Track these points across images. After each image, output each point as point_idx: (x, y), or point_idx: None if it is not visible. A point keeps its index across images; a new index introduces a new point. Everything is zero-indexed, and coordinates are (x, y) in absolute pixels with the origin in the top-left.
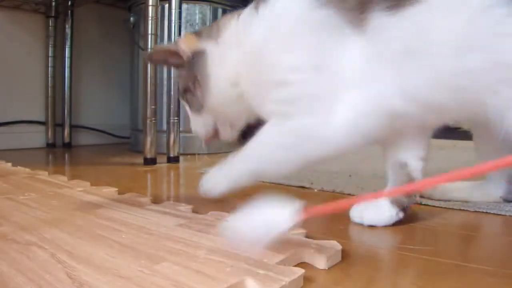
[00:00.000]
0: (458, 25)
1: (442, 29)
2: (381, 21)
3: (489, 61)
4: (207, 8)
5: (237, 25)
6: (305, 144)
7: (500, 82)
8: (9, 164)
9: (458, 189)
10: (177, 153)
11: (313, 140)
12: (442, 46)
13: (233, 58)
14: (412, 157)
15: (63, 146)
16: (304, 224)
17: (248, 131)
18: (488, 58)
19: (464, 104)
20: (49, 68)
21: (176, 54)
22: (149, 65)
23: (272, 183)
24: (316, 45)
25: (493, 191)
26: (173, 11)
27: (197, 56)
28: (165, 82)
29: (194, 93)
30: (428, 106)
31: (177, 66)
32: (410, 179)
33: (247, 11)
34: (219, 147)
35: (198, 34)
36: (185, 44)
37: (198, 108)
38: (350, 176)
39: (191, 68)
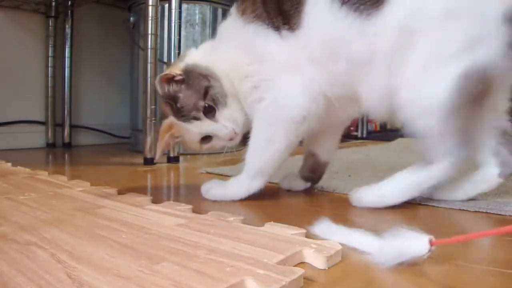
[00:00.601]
0: (325, 39)
1: (316, 45)
2: (286, 34)
3: (349, 64)
4: (207, 8)
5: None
6: (280, 112)
7: (359, 76)
8: (9, 164)
9: (459, 188)
10: (177, 153)
11: (283, 107)
12: (320, 57)
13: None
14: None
15: (63, 146)
16: (304, 224)
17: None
18: (346, 62)
19: (350, 94)
20: (49, 68)
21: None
22: (149, 65)
23: (273, 183)
24: (256, 47)
25: (489, 177)
26: (173, 11)
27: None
28: None
29: (212, 86)
30: (335, 96)
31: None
32: (317, 164)
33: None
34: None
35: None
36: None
37: (223, 98)
38: (349, 176)
39: (190, 79)
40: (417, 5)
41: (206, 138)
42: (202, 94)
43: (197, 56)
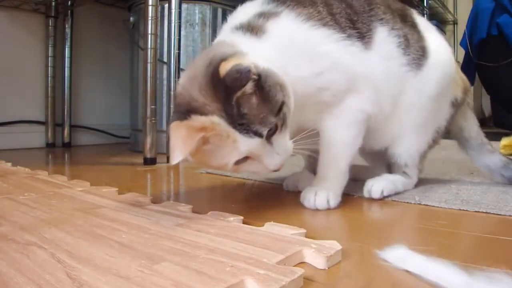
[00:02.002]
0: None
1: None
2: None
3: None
4: (207, 8)
5: None
6: (358, 116)
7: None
8: (9, 164)
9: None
10: None
11: (360, 112)
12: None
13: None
14: None
15: (63, 146)
16: (304, 224)
17: None
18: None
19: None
20: (49, 68)
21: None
22: (149, 65)
23: (272, 183)
24: (328, 56)
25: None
26: (173, 11)
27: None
28: (165, 82)
29: (285, 103)
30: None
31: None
32: None
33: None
34: None
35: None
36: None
37: (288, 119)
38: None
39: (267, 86)
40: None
41: (244, 159)
42: (276, 109)
43: (266, 57)
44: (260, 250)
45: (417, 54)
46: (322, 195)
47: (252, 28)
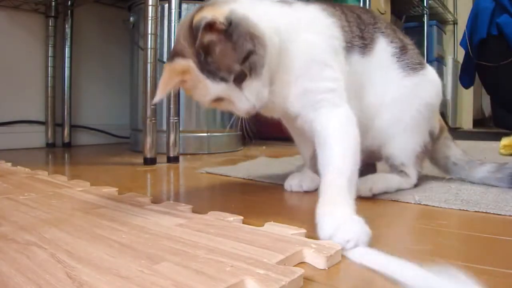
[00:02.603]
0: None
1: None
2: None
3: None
4: None
5: None
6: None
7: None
8: (9, 164)
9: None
10: (177, 153)
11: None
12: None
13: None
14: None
15: (63, 146)
16: (304, 224)
17: None
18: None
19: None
20: (49, 68)
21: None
22: (149, 65)
23: (272, 183)
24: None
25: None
26: (173, 11)
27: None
28: None
29: (256, 53)
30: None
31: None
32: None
33: None
34: (220, 147)
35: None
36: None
37: (260, 68)
38: None
39: (234, 34)
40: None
41: (220, 99)
42: (241, 58)
43: (248, 4)
44: (260, 250)
45: (413, 61)
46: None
47: None
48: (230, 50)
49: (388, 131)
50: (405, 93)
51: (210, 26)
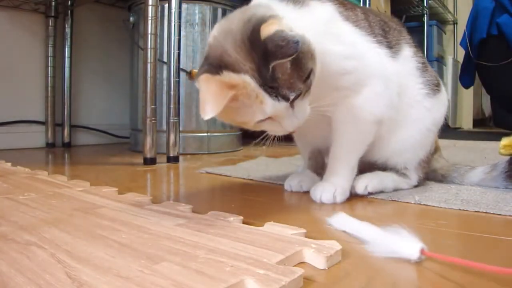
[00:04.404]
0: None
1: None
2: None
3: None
4: (206, 8)
5: None
6: (372, 113)
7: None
8: (9, 164)
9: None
10: (177, 153)
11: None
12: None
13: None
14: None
15: (63, 146)
16: (304, 224)
17: None
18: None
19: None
20: (49, 68)
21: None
22: (149, 65)
23: (273, 183)
24: (357, 47)
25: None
26: (173, 11)
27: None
28: (165, 82)
29: (313, 71)
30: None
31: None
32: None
33: None
34: (220, 147)
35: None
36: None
37: (311, 86)
38: None
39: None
40: None
41: (267, 119)
42: (305, 77)
43: (302, 26)
44: (260, 250)
45: (433, 82)
46: (329, 190)
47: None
48: (296, 68)
49: (401, 147)
50: (424, 114)
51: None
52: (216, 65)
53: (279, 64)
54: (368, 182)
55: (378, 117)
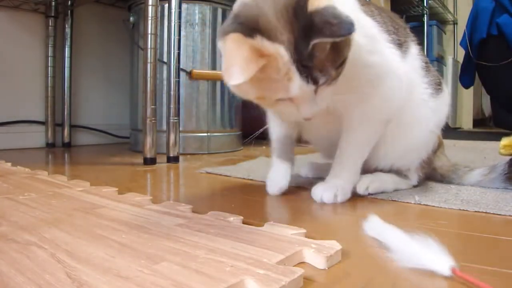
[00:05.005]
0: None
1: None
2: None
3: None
4: (206, 8)
5: None
6: (383, 112)
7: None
8: (9, 164)
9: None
10: (177, 153)
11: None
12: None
13: None
14: None
15: (63, 146)
16: (304, 224)
17: None
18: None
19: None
20: (49, 68)
21: None
22: (149, 65)
23: None
24: (378, 43)
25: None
26: (173, 11)
27: None
28: (165, 82)
29: (346, 60)
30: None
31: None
32: None
33: None
34: (220, 147)
35: None
36: None
37: (337, 77)
38: None
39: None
40: None
41: (287, 99)
42: (339, 63)
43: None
44: (260, 250)
45: (436, 81)
46: (330, 190)
47: None
48: (334, 52)
49: (405, 151)
50: (429, 115)
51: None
52: (249, 26)
53: (321, 43)
54: (370, 183)
55: (390, 116)
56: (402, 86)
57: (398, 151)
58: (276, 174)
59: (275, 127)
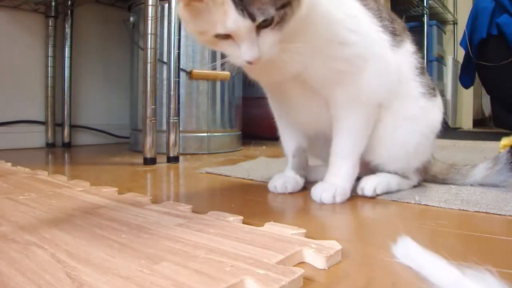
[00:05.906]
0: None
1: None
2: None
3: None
4: None
5: None
6: (371, 95)
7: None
8: (9, 164)
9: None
10: (177, 153)
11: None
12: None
13: None
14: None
15: (63, 146)
16: (304, 224)
17: None
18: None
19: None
20: (49, 68)
21: None
22: (149, 65)
23: None
24: (361, 24)
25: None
26: (173, 11)
27: None
28: (165, 82)
29: (292, 6)
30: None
31: None
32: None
33: None
34: (220, 147)
35: None
36: None
37: (286, 23)
38: None
39: None
40: None
41: (226, 37)
42: (280, 4)
43: None
44: (260, 250)
45: (429, 84)
46: (329, 190)
47: None
48: None
49: (397, 149)
50: (419, 113)
51: None
52: None
53: None
54: (377, 185)
55: (379, 99)
56: (391, 69)
57: (389, 146)
58: (283, 178)
59: (287, 141)
